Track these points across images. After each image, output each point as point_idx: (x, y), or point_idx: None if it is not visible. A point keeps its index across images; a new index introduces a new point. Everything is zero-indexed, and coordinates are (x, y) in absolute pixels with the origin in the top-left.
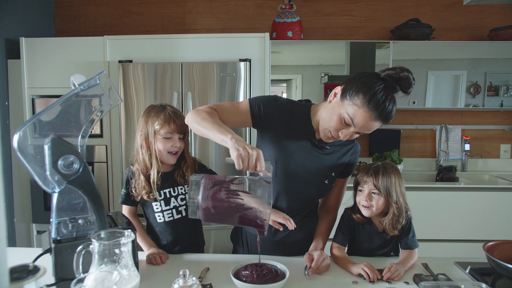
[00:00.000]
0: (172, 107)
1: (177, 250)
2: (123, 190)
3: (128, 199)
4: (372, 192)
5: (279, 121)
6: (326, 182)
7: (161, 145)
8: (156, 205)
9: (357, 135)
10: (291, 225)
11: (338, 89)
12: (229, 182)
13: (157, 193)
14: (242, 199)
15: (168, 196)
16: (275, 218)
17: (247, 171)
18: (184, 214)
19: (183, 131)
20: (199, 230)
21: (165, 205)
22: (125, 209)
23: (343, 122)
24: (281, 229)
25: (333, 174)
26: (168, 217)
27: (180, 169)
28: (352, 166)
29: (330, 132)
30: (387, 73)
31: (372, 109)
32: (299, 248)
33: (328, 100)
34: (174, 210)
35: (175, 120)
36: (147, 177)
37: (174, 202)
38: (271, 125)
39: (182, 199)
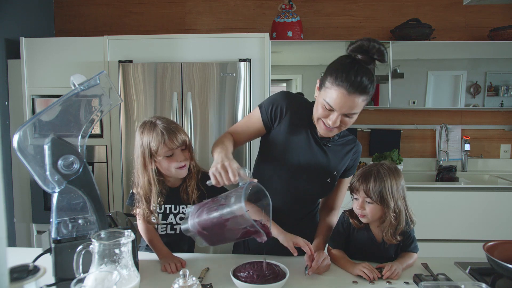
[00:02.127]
0: (164, 120)
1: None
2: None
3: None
4: (366, 201)
5: (284, 119)
6: (328, 180)
7: (166, 164)
8: (152, 216)
9: (348, 119)
10: (309, 251)
11: (318, 82)
12: (211, 201)
13: (158, 215)
14: (221, 212)
15: (167, 212)
16: (294, 240)
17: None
18: (178, 232)
19: (183, 143)
20: (190, 248)
21: (162, 219)
22: (138, 211)
23: (326, 109)
24: (296, 254)
25: (335, 173)
26: (161, 231)
27: (185, 183)
28: (353, 168)
29: (322, 123)
30: (350, 48)
31: (341, 84)
32: (300, 248)
33: (315, 96)
34: (169, 226)
35: (169, 136)
36: (149, 201)
37: (171, 219)
38: (277, 124)
39: (181, 218)
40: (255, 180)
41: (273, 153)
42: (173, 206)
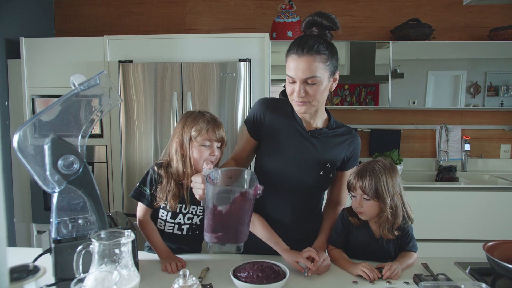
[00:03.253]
0: (211, 114)
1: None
2: (146, 190)
3: (150, 200)
4: (363, 198)
5: (267, 121)
6: (321, 173)
7: (198, 154)
8: (162, 213)
9: (310, 88)
10: (313, 266)
11: None
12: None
13: (183, 204)
14: (208, 205)
15: (177, 211)
16: (297, 259)
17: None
18: (184, 232)
19: (222, 139)
20: (197, 245)
21: (171, 218)
22: (143, 210)
23: (290, 84)
24: (302, 271)
25: (328, 165)
26: (168, 229)
27: None
28: (352, 160)
29: (292, 100)
30: (303, 27)
31: (291, 52)
32: (301, 247)
33: None
34: (176, 225)
35: (213, 127)
36: (178, 184)
37: (180, 219)
38: (263, 128)
39: (189, 218)
40: (219, 169)
41: (264, 154)
42: (183, 206)
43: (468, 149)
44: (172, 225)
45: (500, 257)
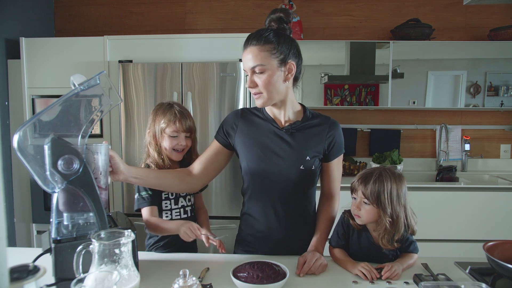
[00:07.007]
0: (180, 106)
1: (170, 250)
2: (144, 193)
3: (151, 198)
4: (363, 201)
5: (238, 128)
6: (302, 167)
7: (167, 143)
8: (166, 203)
9: (256, 77)
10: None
11: None
12: None
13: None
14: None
15: (177, 195)
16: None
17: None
18: (189, 214)
19: (189, 130)
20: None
21: (174, 204)
22: (148, 212)
23: (246, 75)
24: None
25: (307, 158)
26: (175, 216)
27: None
28: (335, 149)
29: (250, 92)
30: (267, 25)
31: (243, 45)
32: (299, 246)
33: None
34: (181, 210)
35: (180, 120)
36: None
37: (182, 202)
38: (235, 136)
39: (189, 200)
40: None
41: (243, 160)
42: None
43: (468, 149)
44: (178, 210)
45: (500, 257)
